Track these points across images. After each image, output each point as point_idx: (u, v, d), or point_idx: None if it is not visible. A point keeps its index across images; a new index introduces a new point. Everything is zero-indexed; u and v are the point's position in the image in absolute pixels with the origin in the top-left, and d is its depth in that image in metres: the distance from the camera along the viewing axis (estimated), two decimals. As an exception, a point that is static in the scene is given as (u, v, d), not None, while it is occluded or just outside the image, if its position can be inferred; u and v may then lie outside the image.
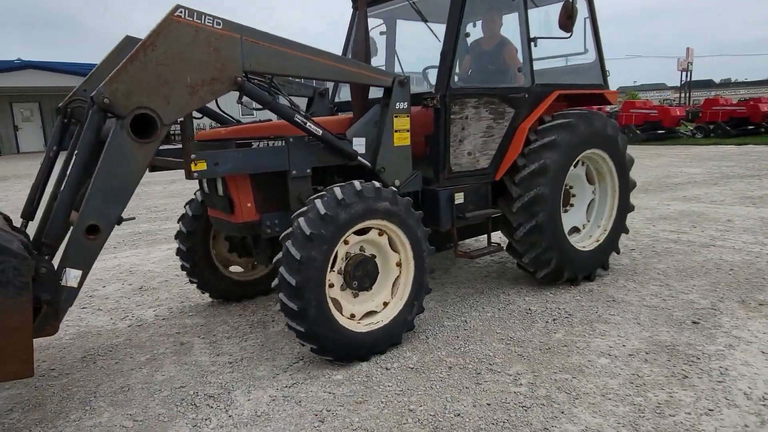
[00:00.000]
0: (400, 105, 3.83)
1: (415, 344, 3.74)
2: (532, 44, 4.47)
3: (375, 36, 5.01)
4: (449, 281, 5.13)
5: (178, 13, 2.87)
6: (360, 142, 3.80)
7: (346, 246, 3.44)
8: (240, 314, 4.50)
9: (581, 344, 3.64)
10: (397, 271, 3.70)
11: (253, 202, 3.68)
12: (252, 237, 4.10)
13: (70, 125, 3.76)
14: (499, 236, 4.81)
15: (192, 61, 2.93)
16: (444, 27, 4.19)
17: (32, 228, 3.33)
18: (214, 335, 4.08)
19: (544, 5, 4.74)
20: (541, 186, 4.33)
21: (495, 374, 3.27)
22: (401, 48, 5.34)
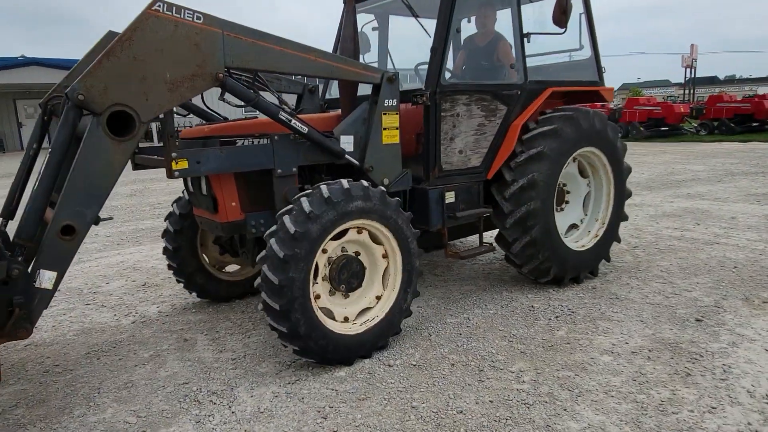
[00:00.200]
0: (389, 102, 3.74)
1: (418, 341, 3.74)
2: (525, 40, 4.38)
3: (368, 32, 4.93)
4: (452, 278, 5.13)
5: (156, 7, 2.77)
6: (348, 140, 3.71)
7: (326, 254, 3.35)
8: (243, 311, 4.51)
9: (584, 341, 3.64)
10: (385, 263, 3.61)
11: (238, 202, 3.60)
12: (239, 236, 4.03)
13: (51, 122, 3.65)
14: (491, 235, 4.77)
15: (171, 57, 2.84)
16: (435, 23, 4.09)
17: (13, 228, 3.27)
18: (218, 332, 4.09)
19: (538, 0, 4.66)
20: (532, 200, 4.23)
21: (498, 371, 3.28)
22: (394, 44, 5.22)
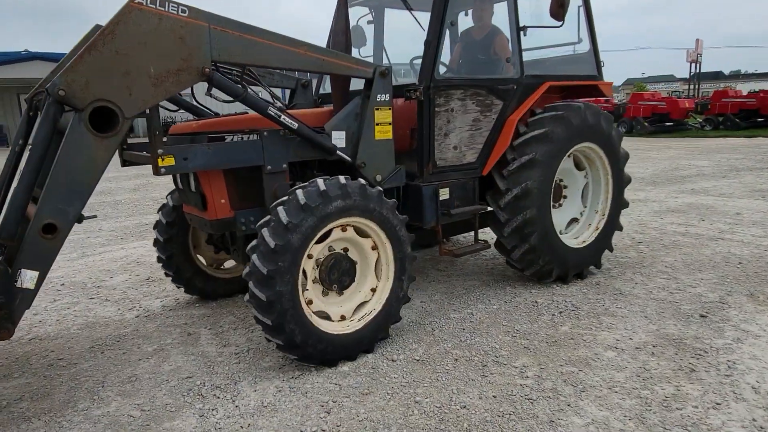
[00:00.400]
0: (382, 97, 3.67)
1: (421, 336, 3.74)
2: (522, 33, 4.28)
3: (363, 26, 4.86)
4: (455, 273, 5.12)
5: (139, 0, 2.71)
6: (340, 136, 3.65)
7: (312, 259, 3.29)
8: (246, 306, 4.49)
9: (588, 337, 3.63)
10: (375, 254, 3.54)
11: (227, 199, 3.53)
12: (229, 234, 3.99)
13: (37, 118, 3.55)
14: (487, 232, 4.74)
15: (155, 51, 2.78)
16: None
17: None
18: (221, 326, 4.10)
19: None
20: (528, 209, 4.20)
21: (501, 366, 3.27)
22: (390, 38, 5.13)
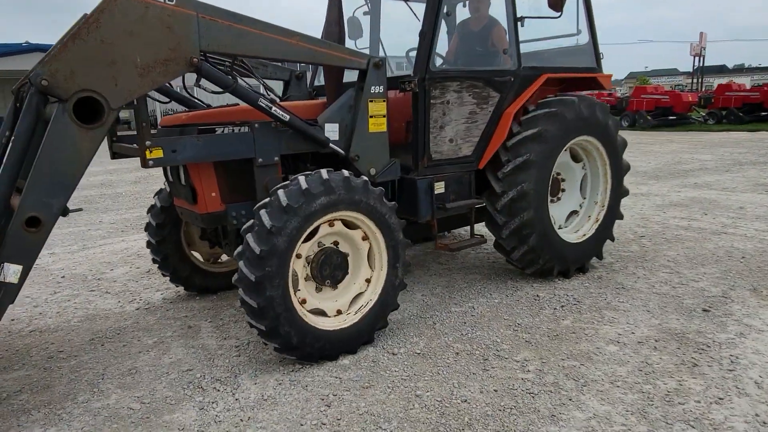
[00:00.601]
0: (376, 89, 3.61)
1: (422, 330, 3.73)
2: (519, 24, 4.20)
3: (359, 17, 4.79)
4: (456, 267, 5.11)
5: None
6: (333, 129, 3.59)
7: (301, 258, 3.23)
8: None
9: (590, 331, 3.61)
10: (367, 245, 3.48)
11: (218, 192, 3.48)
12: (221, 228, 3.94)
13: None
14: (483, 227, 4.70)
15: (141, 40, 2.72)
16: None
17: None
18: (222, 319, 4.09)
19: None
20: (525, 211, 4.16)
21: (502, 360, 3.26)
22: (387, 29, 5.05)
